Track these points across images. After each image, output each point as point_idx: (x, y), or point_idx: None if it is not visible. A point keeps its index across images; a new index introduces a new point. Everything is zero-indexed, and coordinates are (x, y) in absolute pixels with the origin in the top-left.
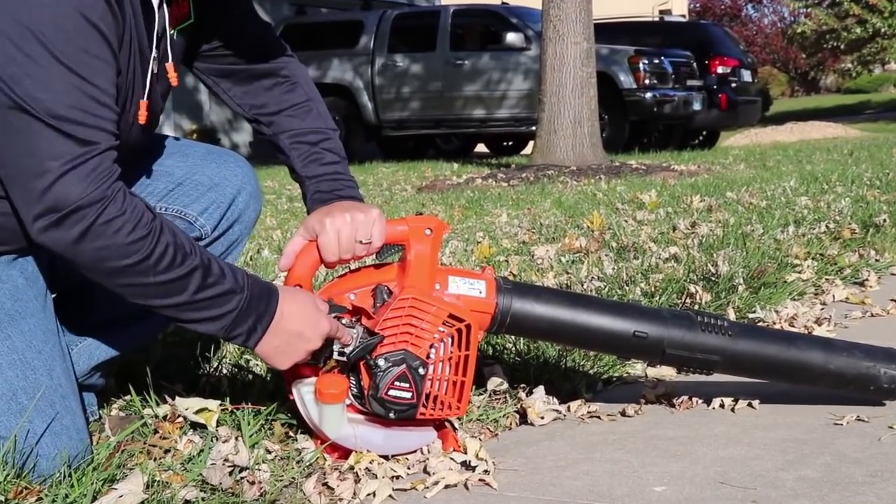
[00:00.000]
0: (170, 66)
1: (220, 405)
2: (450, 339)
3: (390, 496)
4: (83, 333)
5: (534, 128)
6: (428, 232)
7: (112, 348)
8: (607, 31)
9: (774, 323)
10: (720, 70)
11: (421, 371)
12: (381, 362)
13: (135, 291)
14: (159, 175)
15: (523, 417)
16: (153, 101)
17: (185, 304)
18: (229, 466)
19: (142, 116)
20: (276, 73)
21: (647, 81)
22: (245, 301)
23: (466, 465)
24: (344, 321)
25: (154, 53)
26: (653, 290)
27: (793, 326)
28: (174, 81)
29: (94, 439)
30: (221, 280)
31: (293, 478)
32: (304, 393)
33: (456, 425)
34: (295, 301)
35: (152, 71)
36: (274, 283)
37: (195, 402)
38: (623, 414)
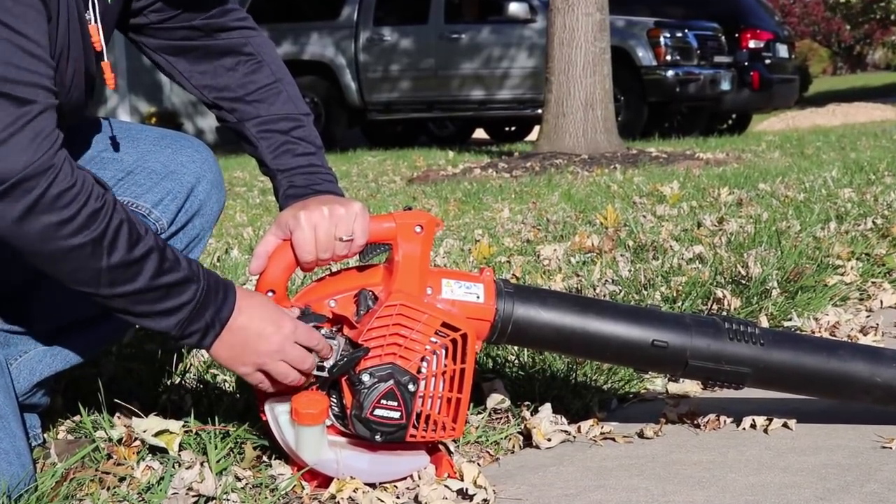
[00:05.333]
0: (92, 28)
1: (183, 426)
2: (443, 351)
3: None
4: (23, 345)
5: (539, 111)
6: (418, 229)
7: (57, 362)
8: (623, 0)
9: (814, 332)
10: (752, 44)
11: (411, 387)
12: (365, 378)
13: (82, 278)
14: (106, 162)
15: (528, 439)
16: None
17: (138, 294)
18: (193, 496)
19: (109, 79)
20: (238, 49)
21: (668, 58)
22: (202, 292)
23: (463, 494)
24: (323, 331)
25: (88, 14)
26: (675, 294)
27: (834, 336)
28: (97, 46)
29: (39, 466)
30: (177, 266)
31: None
32: (278, 413)
33: (451, 448)
34: (252, 297)
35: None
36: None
37: (154, 423)
38: (641, 435)
